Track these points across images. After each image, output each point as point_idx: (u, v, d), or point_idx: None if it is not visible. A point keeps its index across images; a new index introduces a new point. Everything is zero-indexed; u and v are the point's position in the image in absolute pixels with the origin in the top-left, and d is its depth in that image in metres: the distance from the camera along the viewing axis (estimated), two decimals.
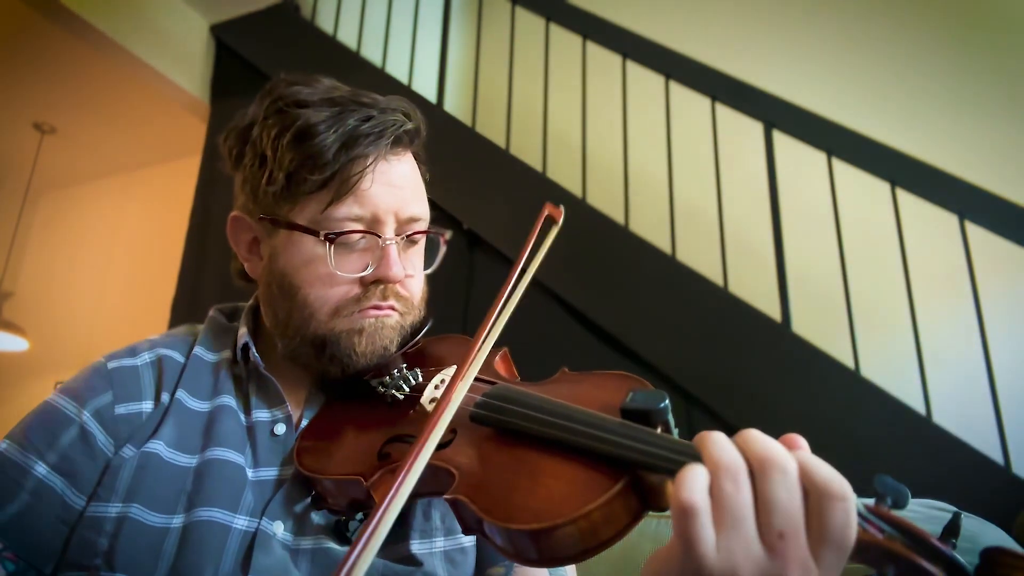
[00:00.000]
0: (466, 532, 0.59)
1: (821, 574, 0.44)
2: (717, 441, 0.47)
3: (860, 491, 0.46)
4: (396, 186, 0.78)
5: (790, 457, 0.45)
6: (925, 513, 0.76)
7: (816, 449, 0.47)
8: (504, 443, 0.62)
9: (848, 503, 0.43)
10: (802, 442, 0.48)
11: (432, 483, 0.61)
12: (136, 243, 4.60)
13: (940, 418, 1.97)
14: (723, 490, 0.45)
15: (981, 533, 0.71)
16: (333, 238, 0.74)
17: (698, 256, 2.47)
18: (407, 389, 0.77)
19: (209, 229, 3.26)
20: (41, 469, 0.70)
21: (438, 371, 0.78)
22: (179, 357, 0.82)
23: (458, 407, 0.64)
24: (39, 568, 0.68)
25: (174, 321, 3.15)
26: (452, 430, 0.66)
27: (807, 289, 2.57)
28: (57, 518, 0.69)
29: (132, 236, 4.66)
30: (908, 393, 2.01)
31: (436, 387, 0.76)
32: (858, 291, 2.28)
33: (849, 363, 2.10)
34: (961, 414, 2.05)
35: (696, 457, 0.48)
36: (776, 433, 0.49)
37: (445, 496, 0.58)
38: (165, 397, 0.77)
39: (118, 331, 4.26)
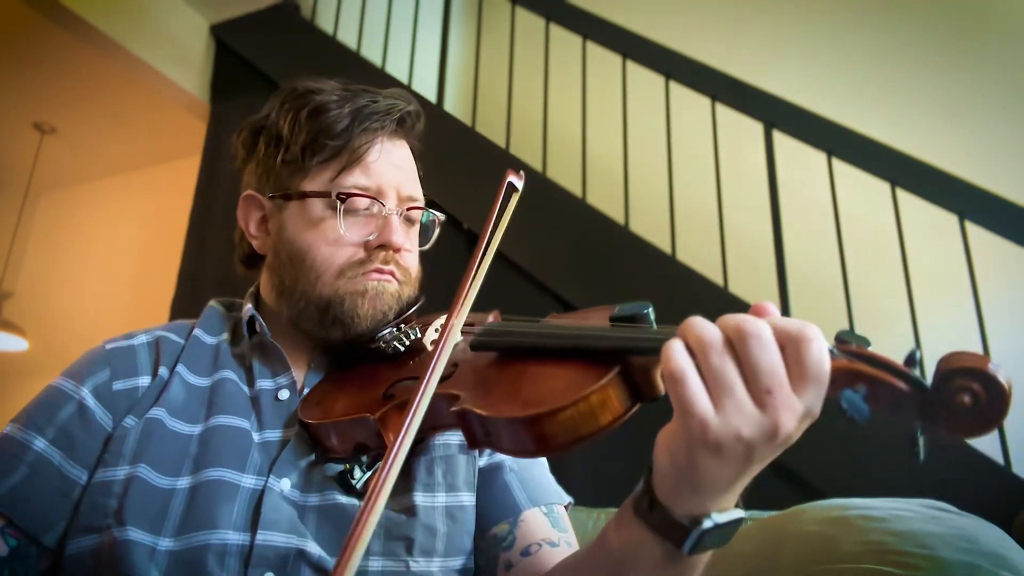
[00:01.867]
0: (471, 445, 0.63)
1: (805, 409, 0.49)
2: (696, 321, 0.51)
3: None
4: (398, 166, 0.86)
5: (762, 322, 0.50)
6: (925, 513, 0.76)
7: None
8: (504, 361, 0.67)
9: (820, 340, 0.49)
10: (772, 307, 0.53)
11: (440, 411, 0.65)
12: (136, 243, 4.60)
13: None
14: (711, 363, 0.49)
15: (981, 533, 0.71)
16: (344, 198, 0.81)
17: (698, 256, 2.47)
18: (407, 342, 0.82)
19: (209, 229, 3.25)
20: (40, 443, 0.73)
21: (434, 320, 0.86)
22: (178, 338, 0.86)
23: (458, 342, 0.71)
24: (39, 539, 0.70)
25: (174, 320, 3.15)
26: (453, 364, 0.71)
27: (807, 289, 2.57)
28: (56, 489, 0.71)
29: (132, 236, 4.66)
30: None
31: (436, 330, 0.81)
32: (858, 291, 2.28)
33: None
34: None
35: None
36: None
37: (452, 409, 0.62)
38: (163, 371, 0.80)
39: (118, 331, 4.24)
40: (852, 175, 2.33)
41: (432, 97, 3.08)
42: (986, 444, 1.88)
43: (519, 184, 0.84)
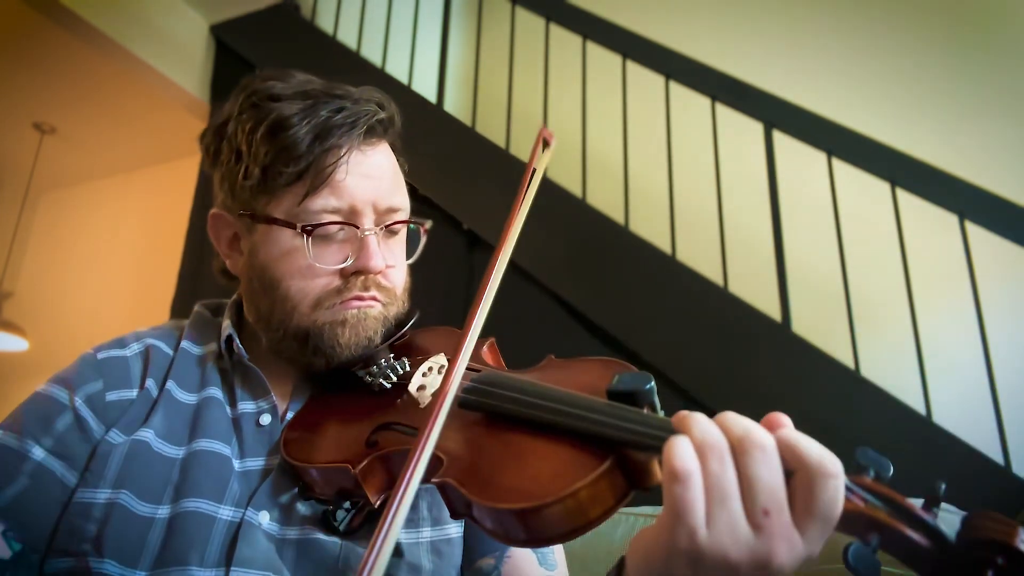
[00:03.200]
0: (454, 516, 0.59)
1: (806, 547, 0.44)
2: (699, 421, 0.48)
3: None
4: (372, 177, 0.78)
5: (768, 436, 0.46)
6: None
7: None
8: (492, 427, 0.62)
9: (839, 480, 0.44)
10: (785, 420, 0.49)
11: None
12: (136, 243, 4.60)
13: (940, 418, 1.97)
14: (710, 469, 0.45)
15: None
16: (310, 230, 0.74)
17: (698, 256, 2.46)
18: (394, 378, 0.77)
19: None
20: (39, 453, 0.71)
21: (425, 359, 0.79)
22: (167, 349, 0.83)
23: (443, 363, 0.66)
24: (39, 551, 0.69)
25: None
26: None
27: (807, 289, 2.57)
28: (56, 500, 0.70)
29: (132, 236, 4.66)
30: (908, 393, 2.01)
31: (424, 374, 0.76)
32: (858, 291, 2.28)
33: (849, 363, 2.09)
34: (961, 414, 2.05)
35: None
36: None
37: (433, 480, 0.58)
38: (150, 383, 0.78)
39: (118, 331, 4.24)
40: (852, 175, 2.33)
41: (432, 97, 3.08)
42: (986, 444, 1.88)
43: (552, 142, 0.78)
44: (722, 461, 0.45)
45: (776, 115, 2.42)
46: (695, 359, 2.22)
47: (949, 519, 0.74)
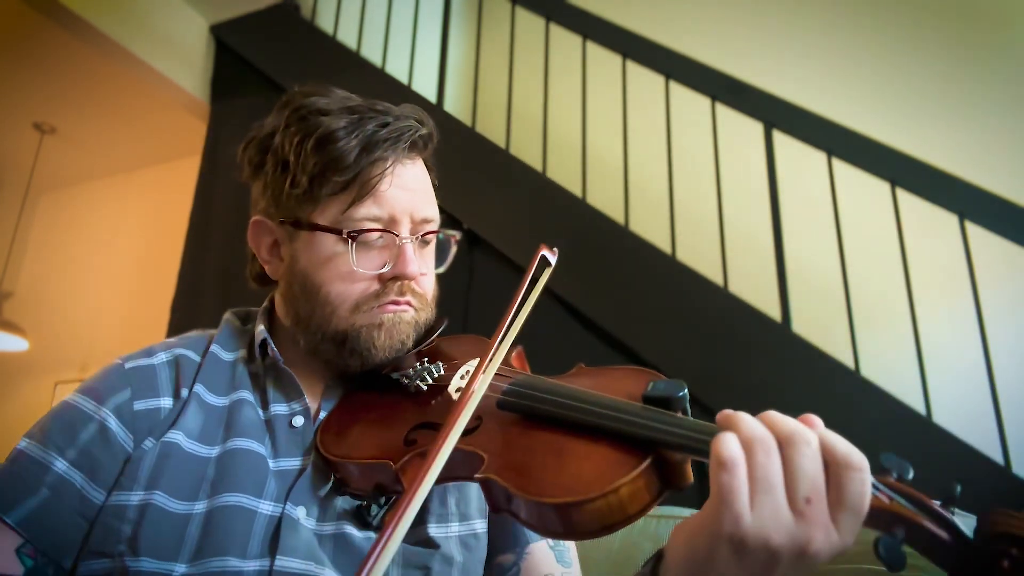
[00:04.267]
0: (494, 511, 0.62)
1: (840, 537, 0.48)
2: (746, 418, 0.51)
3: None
4: (411, 189, 0.82)
5: (811, 432, 0.50)
6: None
7: None
8: (531, 427, 0.65)
9: (865, 473, 0.48)
10: (818, 421, 0.53)
11: (462, 467, 0.64)
12: (136, 243, 4.60)
13: (940, 418, 1.97)
14: (756, 460, 0.49)
15: None
16: (355, 236, 0.79)
17: (698, 256, 2.47)
18: (431, 380, 0.80)
19: (209, 229, 3.25)
20: (61, 465, 0.72)
21: (462, 363, 0.82)
22: (195, 356, 0.84)
23: (484, 396, 0.68)
24: (58, 561, 0.70)
25: (174, 321, 3.14)
26: (478, 417, 0.69)
27: (807, 289, 2.57)
28: (76, 512, 0.71)
29: (132, 236, 4.66)
30: (908, 393, 2.01)
31: (462, 377, 0.79)
32: (858, 291, 2.28)
33: (849, 363, 2.10)
34: (961, 414, 2.05)
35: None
36: None
37: (476, 475, 0.61)
38: (184, 392, 0.79)
39: (118, 331, 4.26)
40: (852, 175, 2.33)
41: (432, 97, 3.08)
42: (986, 444, 1.88)
43: (552, 259, 0.85)
44: (768, 453, 0.49)
45: (776, 115, 2.42)
46: (695, 358, 2.22)
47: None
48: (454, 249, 0.90)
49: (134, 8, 3.34)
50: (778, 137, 2.42)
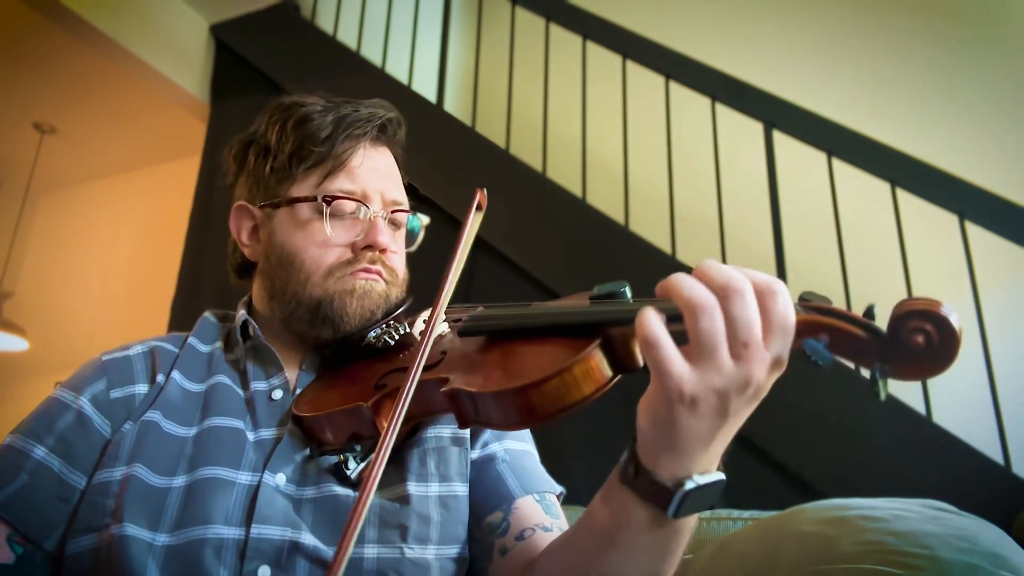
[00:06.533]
0: (462, 424, 0.66)
1: (774, 359, 0.51)
2: (684, 282, 0.51)
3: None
4: (382, 172, 0.90)
5: (744, 277, 0.51)
6: (925, 513, 0.76)
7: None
8: (491, 345, 0.71)
9: (786, 294, 0.51)
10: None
11: (432, 397, 0.68)
12: (136, 243, 4.60)
13: (940, 418, 1.97)
14: (700, 327, 0.50)
15: (980, 533, 0.71)
16: (329, 201, 0.85)
17: (698, 256, 2.44)
18: (397, 337, 0.86)
19: (209, 229, 3.25)
20: (40, 452, 0.75)
21: (421, 315, 0.90)
22: (173, 348, 0.89)
23: (446, 332, 0.77)
24: (40, 544, 0.73)
25: (174, 321, 3.15)
26: (442, 352, 0.75)
27: (807, 288, 2.56)
28: (55, 495, 0.74)
29: (132, 236, 4.66)
30: (908, 393, 2.01)
31: (425, 322, 0.82)
32: (858, 291, 2.28)
33: (849, 363, 2.09)
34: (961, 414, 2.05)
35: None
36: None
37: (442, 390, 0.65)
38: (160, 378, 0.83)
39: (118, 331, 4.26)
40: (852, 175, 2.33)
41: (432, 97, 3.08)
42: (986, 444, 1.88)
43: (483, 203, 0.92)
44: (712, 318, 0.50)
45: (776, 115, 2.42)
46: None
47: (952, 519, 0.74)
48: (422, 233, 0.96)
49: (134, 8, 3.33)
50: (778, 137, 2.42)
